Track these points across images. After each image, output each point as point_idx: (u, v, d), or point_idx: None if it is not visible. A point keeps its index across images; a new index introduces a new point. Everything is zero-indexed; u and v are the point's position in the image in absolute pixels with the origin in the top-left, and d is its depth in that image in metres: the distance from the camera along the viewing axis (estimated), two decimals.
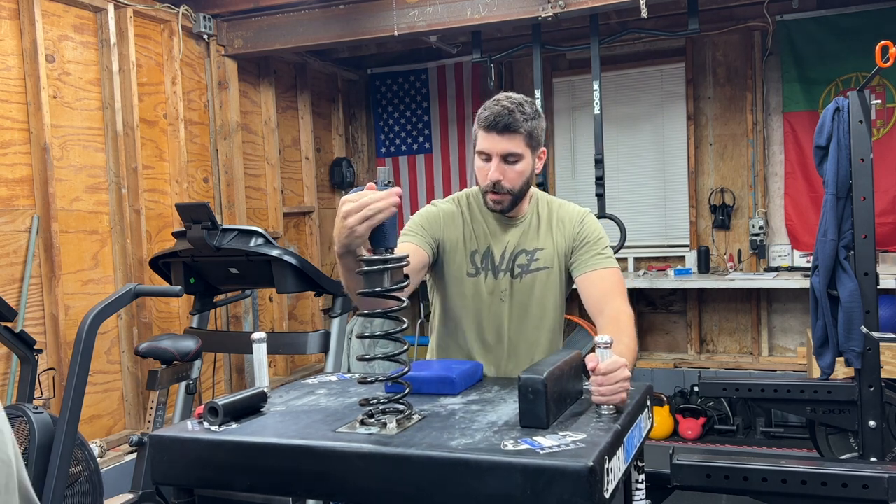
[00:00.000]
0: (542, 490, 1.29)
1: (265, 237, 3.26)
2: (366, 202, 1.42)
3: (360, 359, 1.58)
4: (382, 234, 1.46)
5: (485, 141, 1.96)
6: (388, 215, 1.43)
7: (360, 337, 1.55)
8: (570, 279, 2.14)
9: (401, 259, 1.49)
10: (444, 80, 6.03)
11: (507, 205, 2.02)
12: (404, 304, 1.54)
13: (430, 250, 2.04)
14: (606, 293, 1.98)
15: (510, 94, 2.01)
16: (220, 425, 1.58)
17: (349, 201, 1.44)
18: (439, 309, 2.18)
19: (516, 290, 2.07)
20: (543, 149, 2.06)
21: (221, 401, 1.60)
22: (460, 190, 2.23)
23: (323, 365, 4.26)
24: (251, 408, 1.68)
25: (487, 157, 1.98)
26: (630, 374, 1.61)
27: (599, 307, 1.97)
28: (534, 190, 2.15)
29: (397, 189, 1.45)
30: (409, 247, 1.95)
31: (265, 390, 1.75)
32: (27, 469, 2.53)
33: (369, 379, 1.59)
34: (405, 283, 1.53)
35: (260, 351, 1.79)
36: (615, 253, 4.97)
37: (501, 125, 1.93)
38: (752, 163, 5.35)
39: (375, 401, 1.57)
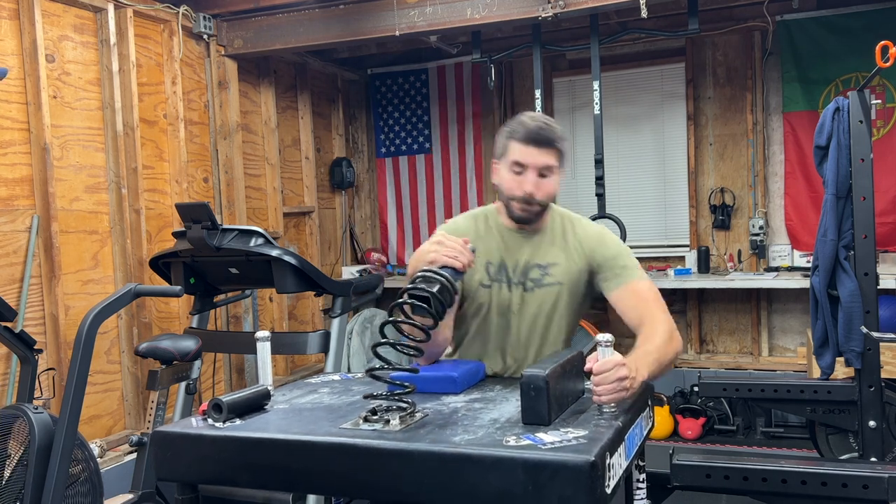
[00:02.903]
0: (544, 485, 1.29)
1: (265, 237, 3.26)
2: (458, 248, 1.76)
3: (376, 345, 1.58)
4: (454, 271, 1.74)
5: (522, 154, 1.99)
6: (463, 262, 1.75)
7: (385, 324, 1.62)
8: (584, 299, 2.13)
9: (454, 284, 1.68)
10: (444, 80, 6.03)
11: (534, 215, 2.06)
12: (432, 324, 1.64)
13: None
14: (641, 305, 1.96)
15: (540, 113, 2.08)
16: (224, 422, 1.58)
17: (445, 233, 1.82)
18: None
19: (527, 302, 2.07)
20: (563, 168, 2.11)
21: (226, 398, 1.61)
22: (459, 189, 2.27)
23: (323, 365, 4.26)
24: (255, 405, 1.69)
25: (521, 170, 2.00)
26: (626, 374, 1.60)
27: (639, 321, 1.96)
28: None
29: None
30: None
31: (269, 388, 1.75)
32: (28, 469, 2.53)
33: (377, 367, 1.59)
34: (451, 299, 1.67)
35: (264, 349, 1.80)
36: None
37: (542, 139, 1.98)
38: (752, 163, 5.36)
39: (380, 394, 1.59)
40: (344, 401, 1.78)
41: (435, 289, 1.63)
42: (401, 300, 1.63)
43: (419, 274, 1.68)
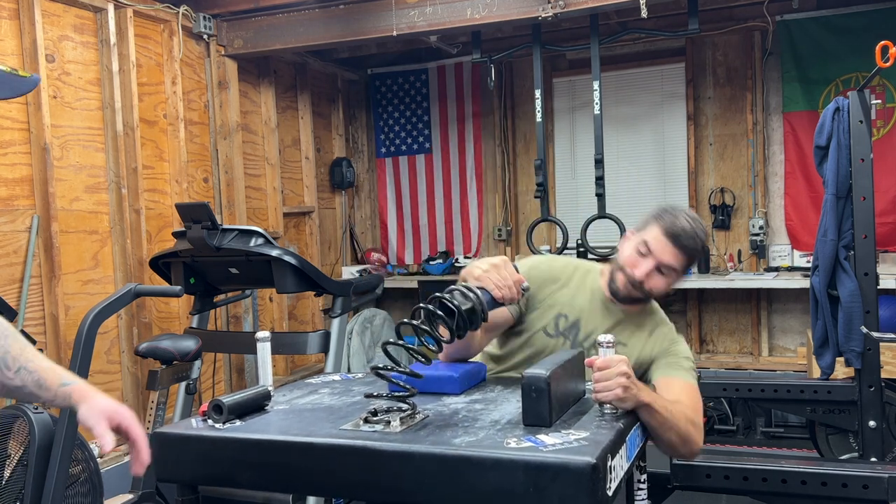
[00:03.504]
0: (545, 487, 1.29)
1: (265, 237, 3.26)
2: (509, 282, 1.70)
3: (385, 344, 1.57)
4: (491, 299, 1.70)
5: (656, 242, 1.99)
6: (503, 295, 1.69)
7: (402, 324, 1.60)
8: None
9: (486, 311, 1.64)
10: (444, 80, 6.03)
11: (629, 298, 2.03)
12: (448, 338, 1.61)
13: (517, 312, 2.06)
14: (677, 395, 1.92)
15: (697, 217, 2.05)
16: (224, 423, 1.58)
17: (506, 259, 1.76)
18: (498, 343, 2.15)
19: None
20: (684, 276, 2.08)
21: (226, 398, 1.61)
22: (459, 189, 2.24)
23: (323, 365, 4.26)
24: (255, 406, 1.69)
25: (646, 253, 2.00)
26: (627, 371, 1.60)
27: None
28: None
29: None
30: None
31: (269, 388, 1.75)
32: (28, 469, 2.54)
33: (381, 367, 1.59)
34: (477, 323, 1.64)
35: (264, 350, 1.79)
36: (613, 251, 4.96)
37: (680, 242, 1.97)
38: (752, 163, 5.36)
39: (380, 395, 1.59)
40: (344, 401, 1.78)
41: (465, 306, 1.60)
42: (427, 305, 1.60)
43: (457, 287, 1.65)
